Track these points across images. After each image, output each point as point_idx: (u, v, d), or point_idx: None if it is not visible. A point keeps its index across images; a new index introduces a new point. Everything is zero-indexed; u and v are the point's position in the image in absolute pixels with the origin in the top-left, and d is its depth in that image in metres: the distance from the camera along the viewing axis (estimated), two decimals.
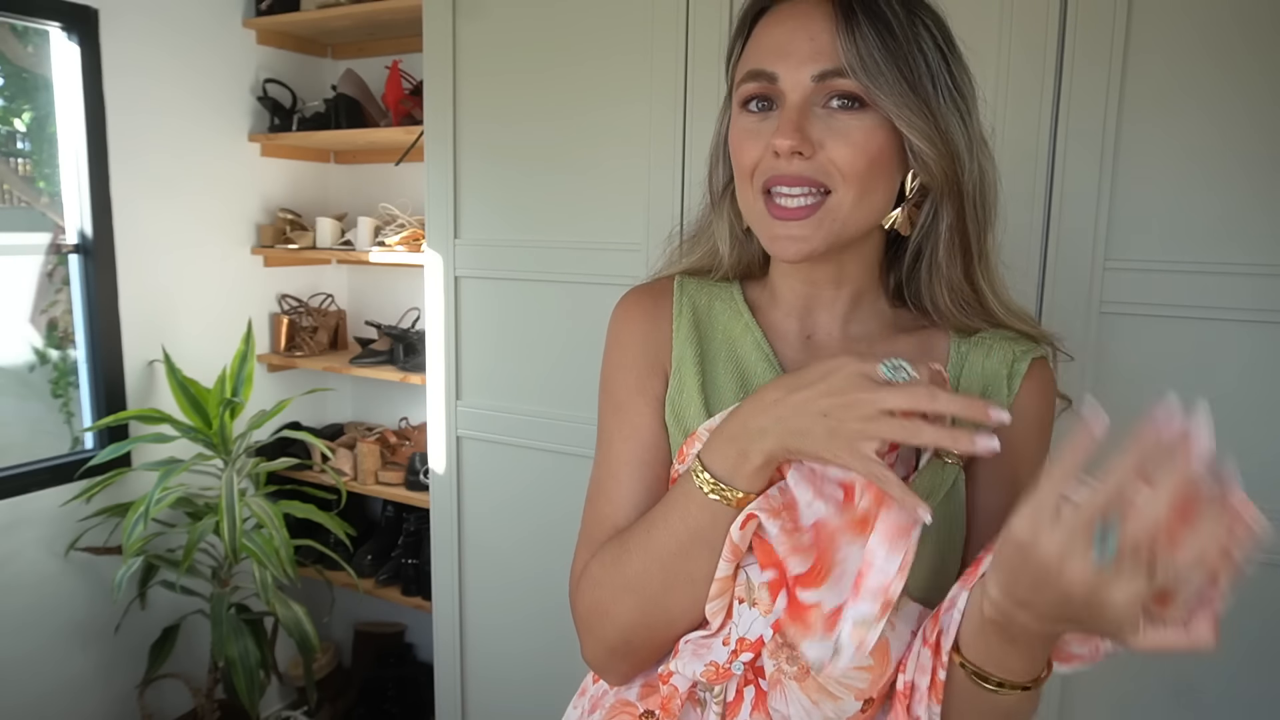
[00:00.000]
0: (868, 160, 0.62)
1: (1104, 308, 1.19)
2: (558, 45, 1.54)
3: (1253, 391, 1.14)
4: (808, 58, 0.61)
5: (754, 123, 0.65)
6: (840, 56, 0.60)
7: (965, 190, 0.66)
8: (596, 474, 0.75)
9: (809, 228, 0.63)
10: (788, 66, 0.62)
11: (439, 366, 1.75)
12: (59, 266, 2.05)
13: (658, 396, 0.73)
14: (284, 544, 1.96)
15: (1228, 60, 1.11)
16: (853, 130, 0.61)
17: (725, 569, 0.62)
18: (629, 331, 0.76)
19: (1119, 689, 1.26)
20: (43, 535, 1.96)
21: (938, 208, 0.67)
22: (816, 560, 0.59)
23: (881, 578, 0.56)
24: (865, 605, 0.56)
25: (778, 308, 0.75)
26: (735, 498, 0.61)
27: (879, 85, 0.60)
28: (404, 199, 2.37)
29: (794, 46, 0.62)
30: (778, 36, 0.63)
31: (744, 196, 0.68)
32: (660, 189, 1.45)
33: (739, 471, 0.60)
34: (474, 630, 1.81)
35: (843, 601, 0.58)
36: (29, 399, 2.06)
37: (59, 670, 2.02)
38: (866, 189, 0.63)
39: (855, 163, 0.62)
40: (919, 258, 0.70)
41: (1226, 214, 1.13)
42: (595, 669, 0.73)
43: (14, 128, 2.03)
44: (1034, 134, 1.19)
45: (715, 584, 0.62)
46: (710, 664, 0.64)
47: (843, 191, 0.63)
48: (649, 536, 0.65)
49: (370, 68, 2.36)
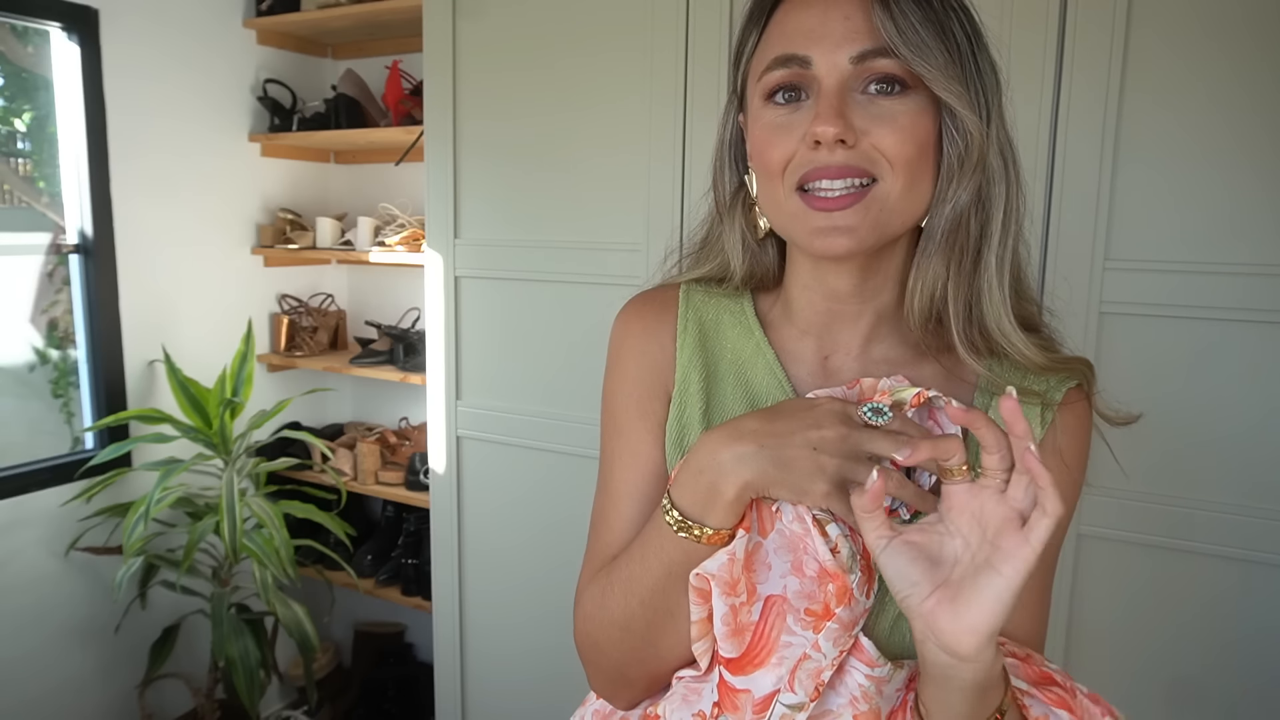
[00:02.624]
0: (916, 146, 0.57)
1: (1104, 308, 1.19)
2: (558, 45, 1.54)
3: (1252, 391, 1.14)
4: (843, 39, 0.56)
5: (783, 115, 0.59)
6: (881, 35, 0.56)
7: (1009, 180, 0.61)
8: (599, 499, 0.72)
9: (856, 216, 0.57)
10: (823, 49, 0.57)
11: (439, 366, 1.75)
12: (59, 266, 2.05)
13: (659, 421, 0.69)
14: (284, 544, 1.96)
15: (1228, 60, 1.11)
16: (899, 115, 0.57)
17: (698, 612, 0.59)
18: (629, 348, 0.72)
19: (1119, 690, 1.26)
20: (43, 535, 1.96)
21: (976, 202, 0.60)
22: (754, 641, 0.57)
23: (818, 666, 0.55)
24: (799, 695, 0.55)
25: (793, 324, 0.69)
26: (705, 535, 0.57)
27: (926, 59, 0.55)
28: (404, 199, 2.37)
29: (827, 28, 0.57)
30: (806, 20, 0.58)
31: (774, 197, 0.61)
32: (660, 189, 1.45)
33: (710, 508, 0.57)
34: (474, 630, 1.81)
35: (777, 689, 0.56)
36: (29, 399, 2.06)
37: (59, 670, 2.02)
38: (915, 177, 0.58)
39: (904, 149, 0.57)
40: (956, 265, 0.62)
41: (1227, 214, 1.13)
42: (601, 697, 0.71)
43: (14, 128, 2.03)
44: (1034, 133, 1.19)
45: (693, 626, 0.59)
46: (698, 713, 0.61)
47: (890, 180, 0.57)
48: (629, 573, 0.62)
49: (370, 68, 2.36)
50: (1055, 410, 0.63)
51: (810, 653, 0.56)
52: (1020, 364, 0.61)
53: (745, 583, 0.57)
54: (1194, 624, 1.20)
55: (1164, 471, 1.19)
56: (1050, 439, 0.63)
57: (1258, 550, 1.15)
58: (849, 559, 0.57)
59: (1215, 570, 1.18)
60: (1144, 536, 1.21)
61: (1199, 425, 1.17)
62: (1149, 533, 1.20)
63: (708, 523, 0.57)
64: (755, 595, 0.57)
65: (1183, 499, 1.18)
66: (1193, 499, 1.18)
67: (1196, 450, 1.17)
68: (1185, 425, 1.18)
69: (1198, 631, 1.20)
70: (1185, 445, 1.18)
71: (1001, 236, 0.60)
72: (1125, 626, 1.24)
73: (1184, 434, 1.18)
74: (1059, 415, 0.63)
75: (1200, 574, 1.18)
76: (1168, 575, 1.20)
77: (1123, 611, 1.24)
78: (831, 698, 0.57)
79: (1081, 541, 1.24)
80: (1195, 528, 1.18)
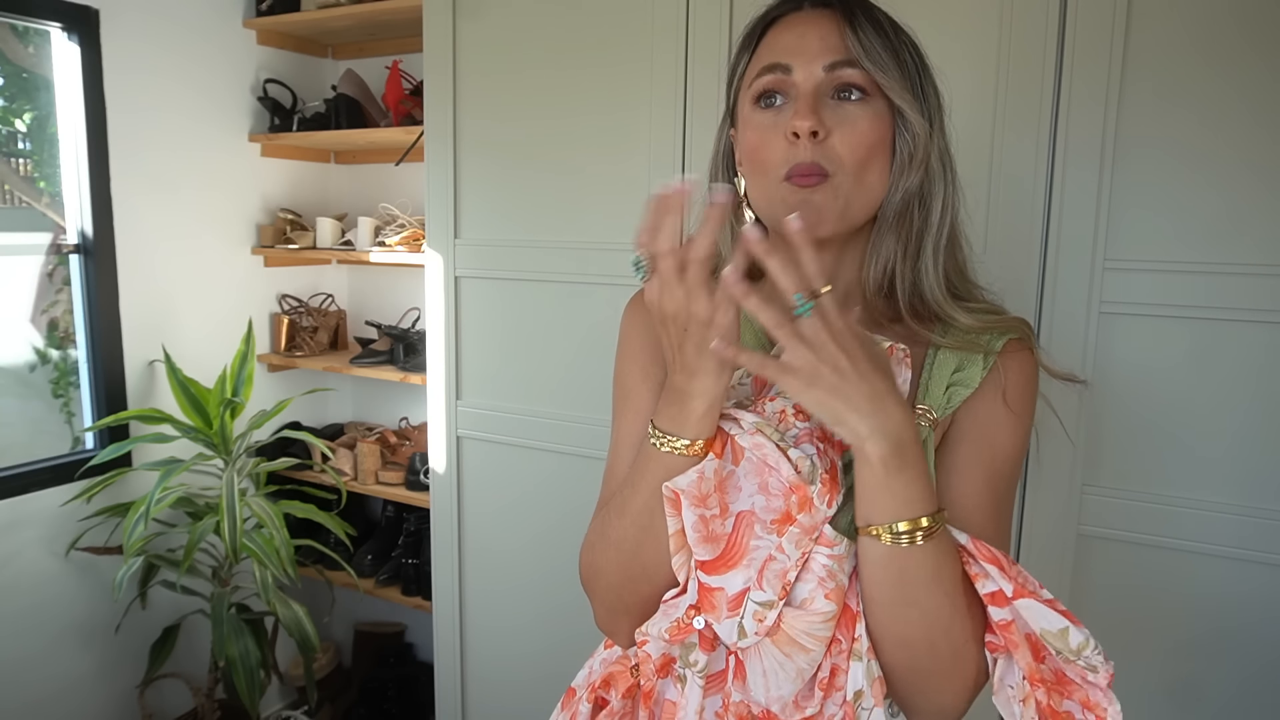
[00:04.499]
0: (869, 147, 0.69)
1: (1104, 308, 1.19)
2: (558, 45, 1.54)
3: (1253, 391, 1.14)
4: (819, 53, 0.69)
5: (769, 117, 0.71)
6: (849, 50, 0.68)
7: (946, 181, 0.73)
8: (609, 455, 0.81)
9: (824, 195, 0.69)
10: (802, 60, 0.69)
11: (439, 366, 1.75)
12: (59, 266, 2.05)
13: (659, 383, 0.77)
14: (284, 544, 1.97)
15: (1228, 60, 1.11)
16: (859, 119, 0.69)
17: (673, 524, 0.67)
18: (634, 328, 0.82)
19: (1120, 690, 1.26)
20: (43, 535, 1.97)
21: (917, 198, 0.72)
22: (727, 547, 0.66)
23: (783, 567, 0.64)
24: (767, 592, 0.64)
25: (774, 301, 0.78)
26: (685, 446, 0.66)
27: (885, 71, 0.68)
28: (404, 199, 2.37)
29: (806, 44, 0.70)
30: (788, 39, 0.71)
31: (764, 189, 0.72)
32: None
33: (685, 421, 0.65)
34: (474, 630, 1.81)
35: (748, 586, 0.64)
36: (29, 399, 2.06)
37: (59, 670, 2.02)
38: (866, 170, 0.69)
39: (857, 152, 0.69)
40: (903, 248, 0.74)
41: (1226, 214, 1.13)
42: (604, 631, 0.78)
43: (14, 128, 2.03)
44: (1034, 133, 1.19)
45: (671, 539, 0.67)
46: (676, 621, 0.68)
47: (843, 175, 0.69)
48: (624, 498, 0.71)
49: (370, 68, 2.36)
50: (996, 358, 0.72)
51: (775, 554, 0.64)
52: (960, 327, 0.72)
53: (719, 501, 0.66)
54: (1194, 624, 1.20)
55: (1164, 471, 1.19)
56: (994, 381, 0.72)
57: (1256, 550, 1.15)
58: (810, 472, 0.64)
59: (1215, 570, 1.18)
60: (1144, 536, 1.21)
61: (1199, 425, 1.17)
62: (1149, 533, 1.20)
63: (684, 434, 0.66)
64: (728, 512, 0.66)
65: (1183, 499, 1.18)
66: (1193, 499, 1.18)
67: (1196, 450, 1.17)
68: (1185, 425, 1.18)
69: (1198, 631, 1.20)
70: (1185, 445, 1.18)
71: (939, 226, 0.72)
72: (1125, 626, 1.24)
73: (1184, 434, 1.18)
74: (1000, 361, 0.73)
75: (1200, 574, 1.19)
76: (1168, 575, 1.20)
77: (1123, 611, 1.24)
78: (801, 588, 0.64)
79: (1081, 541, 1.24)
80: (1195, 528, 1.18)
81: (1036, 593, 0.63)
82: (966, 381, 0.71)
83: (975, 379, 0.71)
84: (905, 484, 0.60)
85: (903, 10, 0.75)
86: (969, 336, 0.72)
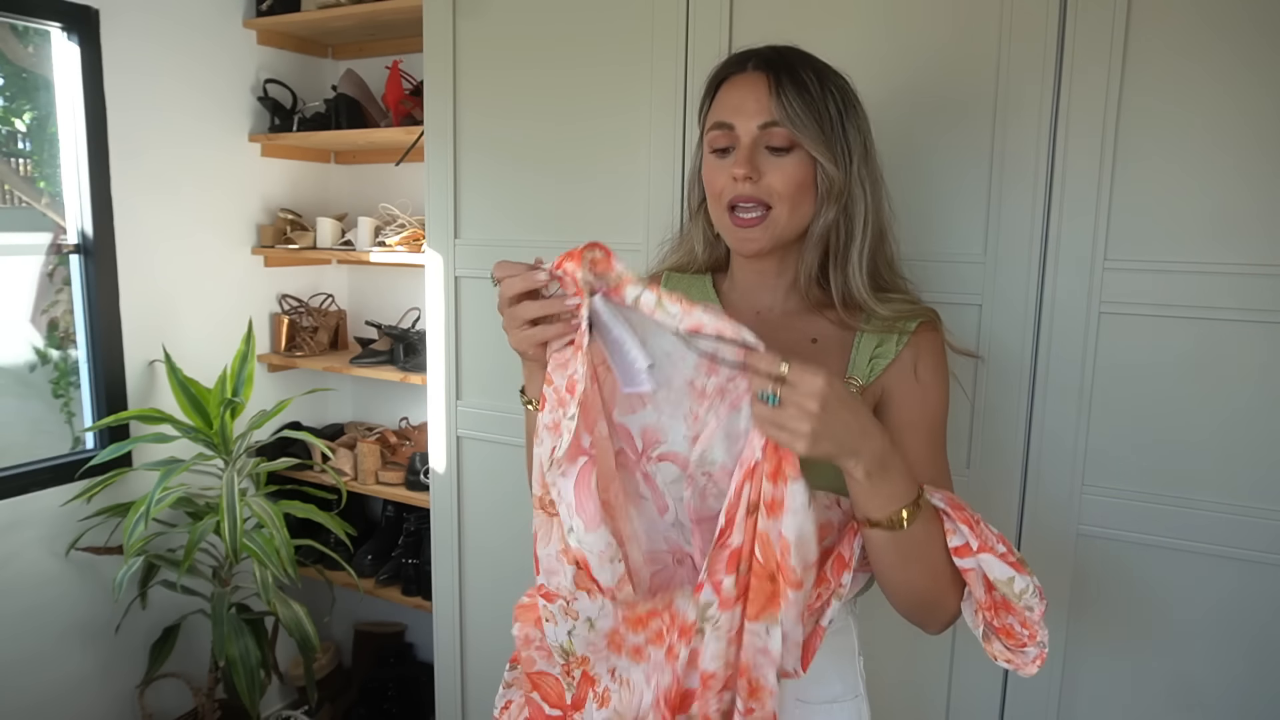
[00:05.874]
0: (796, 185, 0.89)
1: (1104, 308, 1.19)
2: (559, 45, 1.54)
3: (1253, 391, 1.14)
4: (754, 113, 0.88)
5: (719, 160, 0.92)
6: (774, 112, 0.87)
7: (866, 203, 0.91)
8: None
9: (759, 232, 0.91)
10: (741, 119, 0.89)
11: (439, 366, 1.75)
12: (59, 266, 2.05)
13: None
14: (284, 544, 1.97)
15: (1228, 60, 1.11)
16: (786, 166, 0.89)
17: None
18: None
19: (1119, 689, 1.26)
20: (43, 535, 1.97)
21: (843, 217, 0.92)
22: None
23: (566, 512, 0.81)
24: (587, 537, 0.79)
25: (736, 291, 1.01)
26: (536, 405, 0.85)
27: (802, 131, 0.87)
28: (404, 199, 2.37)
29: (744, 105, 0.89)
30: (733, 99, 0.90)
31: (715, 213, 0.94)
32: (660, 191, 1.46)
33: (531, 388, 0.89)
34: (474, 630, 1.81)
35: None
36: (29, 399, 2.06)
37: (59, 670, 2.02)
38: (796, 204, 0.90)
39: (787, 188, 0.89)
40: (834, 255, 0.94)
41: (1227, 214, 1.13)
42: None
43: (14, 128, 2.03)
44: (1034, 133, 1.19)
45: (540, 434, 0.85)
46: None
47: (780, 207, 0.89)
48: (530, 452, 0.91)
49: (370, 68, 2.36)
50: (909, 338, 0.91)
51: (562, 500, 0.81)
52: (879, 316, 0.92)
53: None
54: (1194, 624, 1.20)
55: (1164, 471, 1.19)
56: (908, 357, 0.92)
57: (1257, 550, 1.15)
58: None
59: (1215, 570, 1.18)
60: (1144, 536, 1.21)
61: (1199, 425, 1.17)
62: (1149, 533, 1.20)
63: (533, 395, 0.88)
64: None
65: (1183, 499, 1.18)
66: (1193, 499, 1.18)
67: (1196, 450, 1.17)
68: (1185, 425, 1.18)
69: (1197, 631, 1.20)
70: (1185, 445, 1.18)
71: (862, 238, 0.92)
72: (1125, 626, 1.24)
73: (1184, 434, 1.18)
74: (912, 340, 0.92)
75: (1200, 574, 1.19)
76: (1168, 575, 1.20)
77: (1123, 611, 1.24)
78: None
79: (1081, 541, 1.24)
80: (1195, 528, 1.18)
81: (993, 548, 0.79)
82: (885, 354, 0.91)
83: (892, 352, 0.91)
84: (889, 485, 0.76)
85: (903, 13, 0.75)
86: (889, 321, 0.92)
